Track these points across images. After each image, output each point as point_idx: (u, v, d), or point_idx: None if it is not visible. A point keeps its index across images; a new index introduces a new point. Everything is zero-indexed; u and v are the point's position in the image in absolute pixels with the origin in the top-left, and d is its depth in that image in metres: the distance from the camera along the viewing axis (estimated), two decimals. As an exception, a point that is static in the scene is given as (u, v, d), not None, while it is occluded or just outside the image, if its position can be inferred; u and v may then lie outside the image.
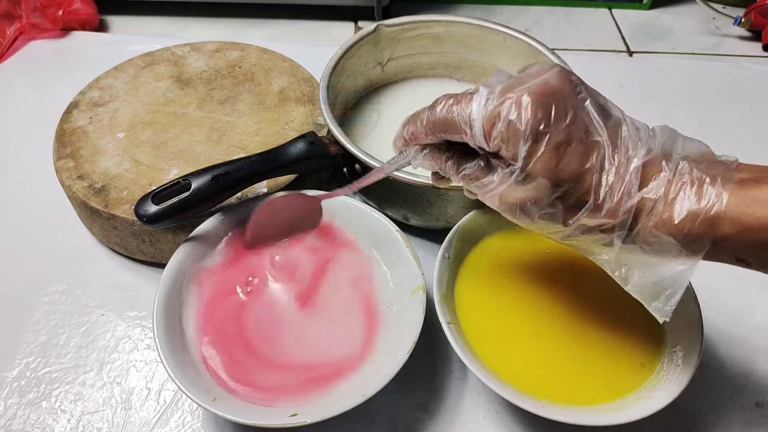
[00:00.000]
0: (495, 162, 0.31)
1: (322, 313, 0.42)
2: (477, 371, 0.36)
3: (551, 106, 0.28)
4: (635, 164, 0.28)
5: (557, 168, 0.28)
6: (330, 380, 0.39)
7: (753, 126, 0.65)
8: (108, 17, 0.80)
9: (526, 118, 0.28)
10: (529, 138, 0.28)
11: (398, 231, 0.44)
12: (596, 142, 0.29)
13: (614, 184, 0.28)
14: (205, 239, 0.44)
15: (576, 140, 0.28)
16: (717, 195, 0.27)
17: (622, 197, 0.28)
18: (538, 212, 0.30)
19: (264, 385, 0.38)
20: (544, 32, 0.80)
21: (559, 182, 0.28)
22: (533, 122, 0.28)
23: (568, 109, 0.28)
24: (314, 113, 0.55)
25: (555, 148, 0.28)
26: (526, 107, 0.28)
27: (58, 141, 0.51)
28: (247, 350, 0.40)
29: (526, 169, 0.29)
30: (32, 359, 0.44)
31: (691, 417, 0.42)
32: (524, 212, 0.30)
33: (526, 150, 0.28)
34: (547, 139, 0.28)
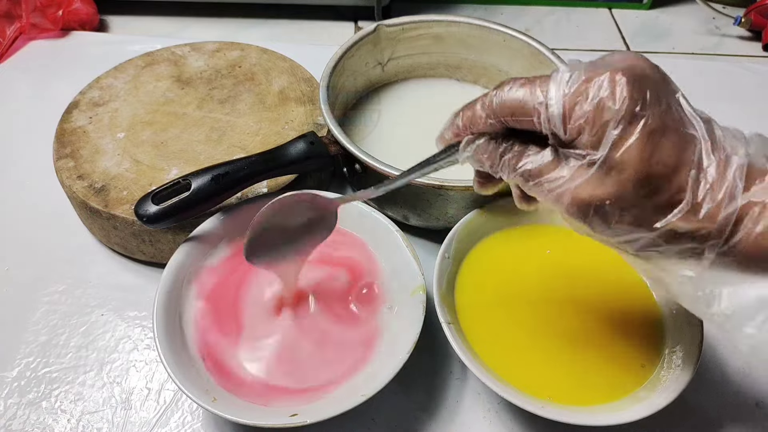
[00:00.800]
0: (567, 152, 0.26)
1: (322, 314, 0.42)
2: (477, 371, 0.36)
3: (646, 88, 0.25)
4: (738, 163, 0.25)
5: (651, 158, 0.24)
6: (330, 380, 0.39)
7: (753, 126, 0.64)
8: (108, 17, 0.80)
9: (621, 96, 0.24)
10: (622, 120, 0.24)
11: (398, 231, 0.44)
12: (692, 135, 0.25)
13: (715, 183, 0.25)
14: (205, 239, 0.44)
15: (671, 130, 0.25)
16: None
17: (724, 198, 0.24)
18: (618, 214, 0.26)
19: (263, 385, 0.38)
20: (544, 32, 0.80)
21: (650, 176, 0.24)
22: (630, 102, 0.24)
23: (662, 96, 0.25)
24: (314, 113, 0.55)
25: (650, 135, 0.24)
26: (621, 85, 0.24)
27: (58, 141, 0.51)
28: (245, 352, 0.40)
29: (613, 159, 0.25)
30: (32, 359, 0.44)
31: (691, 417, 0.42)
32: (599, 214, 0.26)
33: (617, 134, 0.24)
34: (642, 124, 0.24)
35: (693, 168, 0.25)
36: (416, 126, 0.58)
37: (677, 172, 0.25)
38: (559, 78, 0.26)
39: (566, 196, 0.26)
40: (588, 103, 0.25)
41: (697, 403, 0.42)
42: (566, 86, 0.26)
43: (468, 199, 0.45)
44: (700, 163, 0.25)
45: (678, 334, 0.39)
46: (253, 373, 0.39)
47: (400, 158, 0.48)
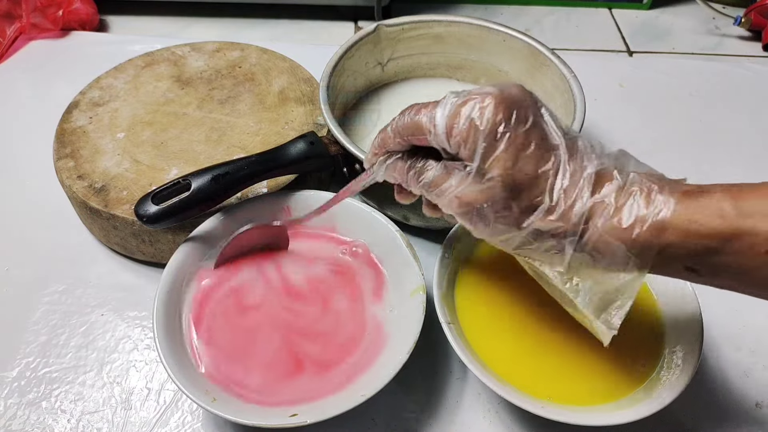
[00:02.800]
0: (454, 164, 0.31)
1: (322, 314, 0.42)
2: (477, 371, 0.36)
3: (512, 109, 0.29)
4: (589, 171, 0.29)
5: (514, 168, 0.29)
6: (330, 381, 0.39)
7: (753, 126, 0.65)
8: (108, 17, 0.80)
9: (487, 117, 0.29)
10: (487, 136, 0.29)
11: (398, 231, 0.44)
12: (554, 147, 0.30)
13: (568, 189, 0.29)
14: (205, 239, 0.44)
15: (534, 144, 0.29)
16: (664, 202, 0.28)
17: (575, 201, 0.29)
18: (493, 215, 0.30)
19: (262, 386, 0.38)
20: (544, 32, 0.81)
21: (514, 182, 0.29)
22: (493, 121, 0.29)
23: (528, 116, 0.30)
24: (314, 113, 0.55)
25: (512, 149, 0.29)
26: (488, 107, 0.29)
27: (58, 141, 0.51)
28: (246, 351, 0.40)
29: (483, 167, 0.29)
30: (32, 359, 0.44)
31: (691, 417, 0.42)
32: (480, 216, 0.31)
33: (483, 148, 0.29)
34: (506, 139, 0.29)
35: (551, 176, 0.29)
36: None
37: (537, 180, 0.29)
38: (444, 102, 0.31)
39: (455, 202, 0.31)
40: (462, 122, 0.30)
41: (697, 403, 0.42)
42: (447, 109, 0.30)
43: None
44: (557, 172, 0.29)
45: (678, 334, 0.39)
46: (253, 373, 0.39)
47: (400, 158, 0.48)
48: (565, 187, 0.29)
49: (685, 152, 0.62)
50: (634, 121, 0.65)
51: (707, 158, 0.61)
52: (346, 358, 0.40)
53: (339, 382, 0.38)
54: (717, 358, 0.45)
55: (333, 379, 0.39)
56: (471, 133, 0.29)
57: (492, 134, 0.29)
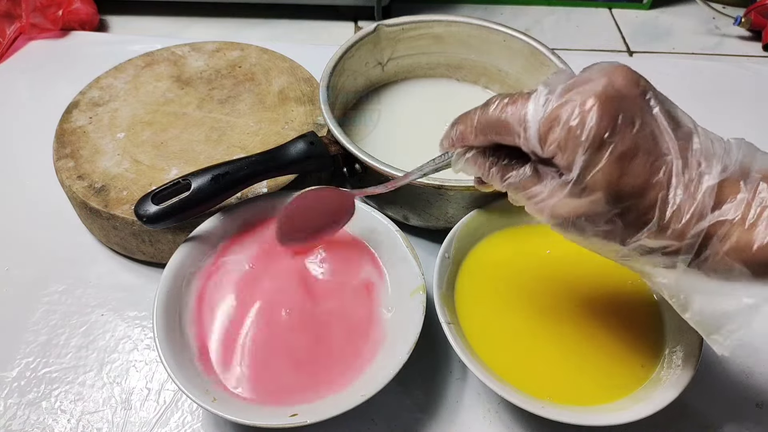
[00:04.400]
0: (546, 170, 0.28)
1: (322, 314, 0.42)
2: (477, 371, 0.36)
3: (618, 111, 0.25)
4: (709, 183, 0.25)
5: (619, 181, 0.25)
6: (330, 381, 0.39)
7: (753, 126, 0.65)
8: (108, 17, 0.80)
9: (590, 125, 0.25)
10: (590, 147, 0.25)
11: (398, 231, 0.44)
12: (665, 154, 0.26)
13: (683, 203, 0.25)
14: (205, 239, 0.44)
15: (642, 151, 0.26)
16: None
17: (692, 219, 0.25)
18: (593, 229, 0.27)
19: (263, 385, 0.38)
20: (544, 32, 0.81)
21: (619, 197, 0.26)
22: (597, 129, 0.25)
23: (635, 116, 0.26)
24: (314, 113, 0.55)
25: (618, 159, 0.25)
26: (590, 112, 0.25)
27: (58, 141, 0.51)
28: (247, 351, 0.40)
29: (583, 181, 0.26)
30: (32, 359, 0.44)
31: (691, 417, 0.42)
32: (577, 228, 0.28)
33: (584, 160, 0.26)
34: (610, 150, 0.25)
35: (662, 189, 0.26)
36: (416, 126, 0.58)
37: (645, 193, 0.26)
38: (536, 99, 0.27)
39: (546, 211, 0.28)
40: (560, 128, 0.26)
41: (697, 403, 0.42)
42: (542, 109, 0.27)
43: (468, 199, 0.45)
44: (670, 184, 0.26)
45: (678, 334, 0.39)
46: (254, 373, 0.39)
47: (400, 158, 0.48)
48: (680, 201, 0.25)
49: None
50: (634, 121, 0.65)
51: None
52: (347, 358, 0.40)
53: (339, 382, 0.38)
54: (717, 359, 0.45)
55: (333, 379, 0.39)
56: (570, 141, 0.26)
57: (595, 144, 0.25)
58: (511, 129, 0.28)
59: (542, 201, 0.28)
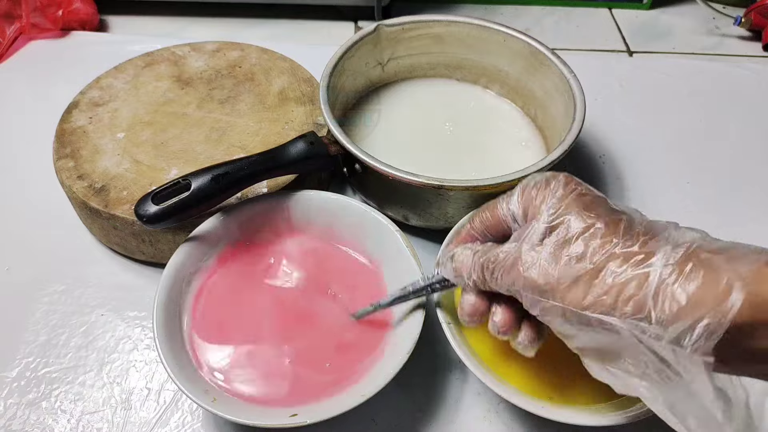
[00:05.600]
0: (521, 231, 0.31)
1: (322, 314, 0.42)
2: (477, 371, 0.36)
3: (579, 182, 0.31)
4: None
5: (586, 209, 0.29)
6: (331, 381, 0.39)
7: (753, 126, 0.65)
8: (108, 17, 0.80)
9: (558, 178, 0.31)
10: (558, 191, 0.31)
11: (398, 231, 0.44)
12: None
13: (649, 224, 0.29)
14: (205, 239, 0.44)
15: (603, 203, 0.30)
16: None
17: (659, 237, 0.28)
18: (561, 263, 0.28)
19: (263, 386, 0.38)
20: (544, 32, 0.80)
21: (586, 221, 0.29)
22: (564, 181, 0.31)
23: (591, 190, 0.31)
24: (314, 113, 0.55)
25: (580, 198, 0.30)
26: (558, 176, 0.31)
27: (58, 141, 0.51)
28: (247, 351, 0.40)
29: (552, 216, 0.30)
30: (32, 359, 0.44)
31: (691, 417, 0.42)
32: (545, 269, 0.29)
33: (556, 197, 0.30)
34: (576, 192, 0.30)
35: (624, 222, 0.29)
36: (416, 126, 0.58)
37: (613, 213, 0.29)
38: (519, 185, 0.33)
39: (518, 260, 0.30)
40: (533, 182, 0.32)
41: (697, 403, 0.42)
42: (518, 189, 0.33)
43: (468, 199, 0.45)
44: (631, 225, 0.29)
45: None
46: (253, 373, 0.39)
47: (400, 158, 0.48)
48: (644, 226, 0.28)
49: (684, 152, 0.62)
50: (634, 121, 0.65)
51: (707, 158, 0.61)
52: (347, 358, 0.40)
53: (339, 382, 0.38)
54: (717, 358, 0.45)
55: (333, 379, 0.39)
56: (541, 193, 0.31)
57: (563, 190, 0.30)
58: (496, 205, 0.34)
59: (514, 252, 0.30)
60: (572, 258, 0.28)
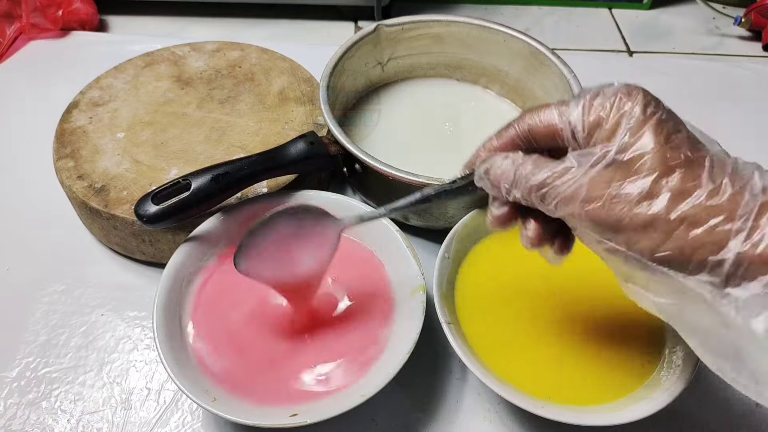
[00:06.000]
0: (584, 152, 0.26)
1: (322, 315, 0.42)
2: (477, 371, 0.36)
3: (660, 101, 0.26)
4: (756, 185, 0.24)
5: (666, 144, 0.25)
6: (330, 381, 0.39)
7: (753, 126, 0.65)
8: (108, 17, 0.80)
9: (637, 97, 0.26)
10: (636, 113, 0.25)
11: (398, 231, 0.44)
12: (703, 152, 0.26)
13: (733, 175, 0.24)
14: (205, 239, 0.44)
15: (684, 131, 0.26)
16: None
17: (745, 186, 0.24)
18: (633, 204, 0.24)
19: (263, 386, 0.38)
20: (544, 32, 0.80)
21: (666, 160, 0.24)
22: (643, 101, 0.26)
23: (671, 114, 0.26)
24: (314, 113, 0.55)
25: (664, 130, 0.25)
26: (635, 90, 0.26)
27: (58, 141, 0.51)
28: (247, 351, 0.40)
29: (629, 144, 0.25)
30: (32, 359, 0.44)
31: (690, 417, 0.42)
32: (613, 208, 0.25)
33: (632, 122, 0.25)
34: (656, 118, 0.25)
35: (707, 163, 0.25)
36: (416, 126, 0.58)
37: (692, 163, 0.25)
38: (577, 96, 0.28)
39: (583, 190, 0.26)
40: (604, 97, 0.26)
41: (697, 403, 0.42)
42: (585, 99, 0.27)
43: (468, 199, 0.45)
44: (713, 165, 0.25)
45: (678, 334, 0.39)
46: (253, 373, 0.39)
47: (400, 158, 0.48)
48: (729, 172, 0.24)
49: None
50: (634, 121, 0.65)
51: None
52: (347, 358, 0.40)
53: (339, 382, 0.38)
54: (717, 358, 0.45)
55: (333, 379, 0.39)
56: (615, 111, 0.26)
57: (642, 111, 0.25)
58: (552, 115, 0.28)
59: (575, 182, 0.26)
60: (648, 203, 0.24)
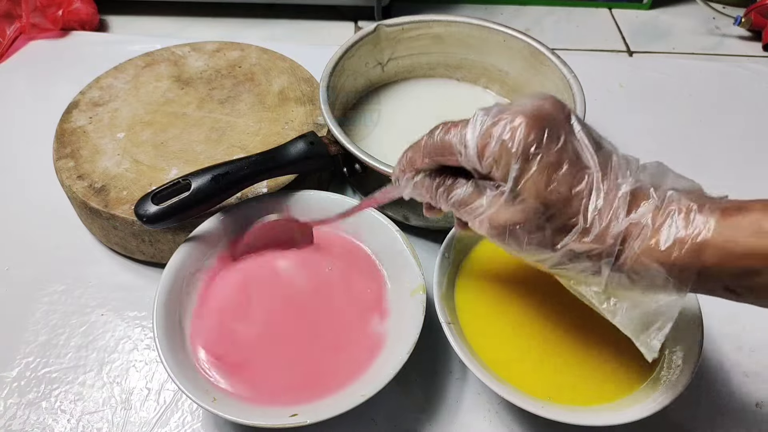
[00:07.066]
0: (486, 185, 0.30)
1: (322, 314, 0.42)
2: (477, 371, 0.36)
3: (544, 129, 0.29)
4: (624, 190, 0.28)
5: (547, 189, 0.28)
6: (330, 381, 0.39)
7: (753, 126, 0.65)
8: (108, 17, 0.80)
9: (519, 138, 0.28)
10: (520, 158, 0.28)
11: (398, 231, 0.44)
12: (586, 167, 0.29)
13: (603, 209, 0.28)
14: (205, 239, 0.44)
15: (567, 164, 0.29)
16: (704, 222, 0.27)
17: (611, 221, 0.28)
18: (526, 236, 0.29)
19: (263, 386, 0.38)
20: (544, 32, 0.80)
21: (548, 204, 0.28)
22: (525, 143, 0.28)
23: (560, 134, 0.29)
24: (314, 113, 0.55)
25: (545, 170, 0.28)
26: (519, 127, 0.28)
27: (58, 141, 0.51)
28: (247, 351, 0.40)
29: (516, 189, 0.29)
30: (32, 359, 0.44)
31: (690, 417, 0.42)
32: (513, 236, 0.30)
33: (516, 170, 0.28)
34: (538, 160, 0.28)
35: (585, 197, 0.28)
36: (416, 126, 0.58)
37: (571, 201, 0.28)
38: (473, 121, 0.30)
39: (486, 222, 0.30)
40: (494, 142, 0.29)
41: (697, 403, 0.42)
42: (479, 129, 0.30)
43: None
44: (591, 192, 0.28)
45: (678, 335, 0.39)
46: (253, 373, 0.39)
47: (400, 158, 0.48)
48: (600, 207, 0.28)
49: (685, 152, 0.62)
50: (634, 121, 0.65)
51: (707, 158, 0.61)
52: (347, 358, 0.40)
53: (339, 382, 0.38)
54: (717, 359, 0.45)
55: (333, 379, 0.39)
56: (503, 154, 0.29)
57: (524, 155, 0.28)
58: (454, 149, 0.31)
59: (482, 213, 0.30)
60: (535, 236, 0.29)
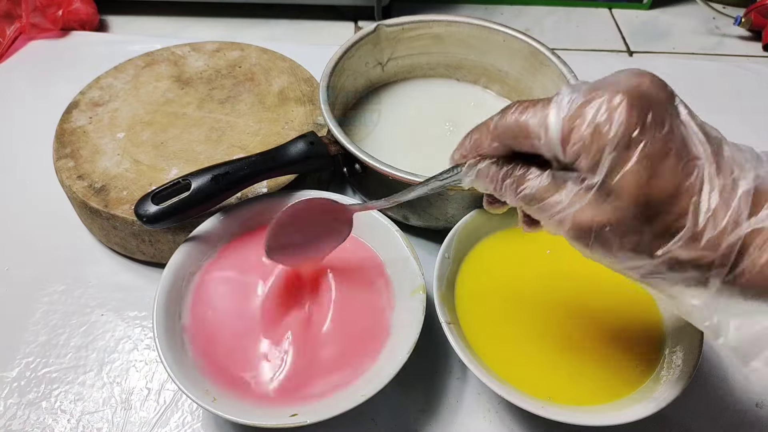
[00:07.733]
0: (567, 176, 0.26)
1: (322, 314, 0.42)
2: (477, 371, 0.36)
3: (648, 110, 0.24)
4: (744, 188, 0.23)
5: (649, 183, 0.23)
6: (330, 381, 0.39)
7: (753, 126, 0.65)
8: (108, 17, 0.80)
9: (619, 121, 0.23)
10: (618, 145, 0.23)
11: (398, 231, 0.44)
12: (696, 158, 0.24)
13: (718, 209, 0.23)
14: (205, 239, 0.44)
15: (673, 153, 0.24)
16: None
17: (727, 226, 0.23)
18: (618, 240, 0.25)
19: (263, 386, 0.38)
20: (544, 32, 0.81)
21: (649, 202, 0.24)
22: (626, 126, 0.23)
23: (664, 117, 0.24)
24: (314, 113, 0.55)
25: (648, 160, 0.23)
26: (619, 108, 0.24)
27: (58, 141, 0.51)
28: (247, 351, 0.40)
29: (609, 184, 0.24)
30: (32, 359, 0.44)
31: (690, 417, 0.42)
32: (600, 240, 0.25)
33: (612, 159, 0.24)
34: (640, 148, 0.23)
35: (694, 194, 0.24)
36: (416, 126, 0.58)
37: (677, 198, 0.24)
38: (559, 100, 0.25)
39: (567, 222, 0.26)
40: (585, 126, 0.24)
41: (697, 403, 0.42)
42: (566, 108, 0.25)
43: (468, 199, 0.45)
44: (702, 189, 0.24)
45: (678, 334, 0.39)
46: (254, 373, 0.39)
47: (400, 158, 0.48)
48: (714, 207, 0.23)
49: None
50: (634, 121, 0.65)
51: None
52: (347, 358, 0.40)
53: (339, 382, 0.38)
54: (717, 358, 0.45)
55: (333, 379, 0.39)
56: (596, 140, 0.24)
57: (623, 142, 0.23)
58: (531, 131, 0.26)
59: (562, 211, 0.26)
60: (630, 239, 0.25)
